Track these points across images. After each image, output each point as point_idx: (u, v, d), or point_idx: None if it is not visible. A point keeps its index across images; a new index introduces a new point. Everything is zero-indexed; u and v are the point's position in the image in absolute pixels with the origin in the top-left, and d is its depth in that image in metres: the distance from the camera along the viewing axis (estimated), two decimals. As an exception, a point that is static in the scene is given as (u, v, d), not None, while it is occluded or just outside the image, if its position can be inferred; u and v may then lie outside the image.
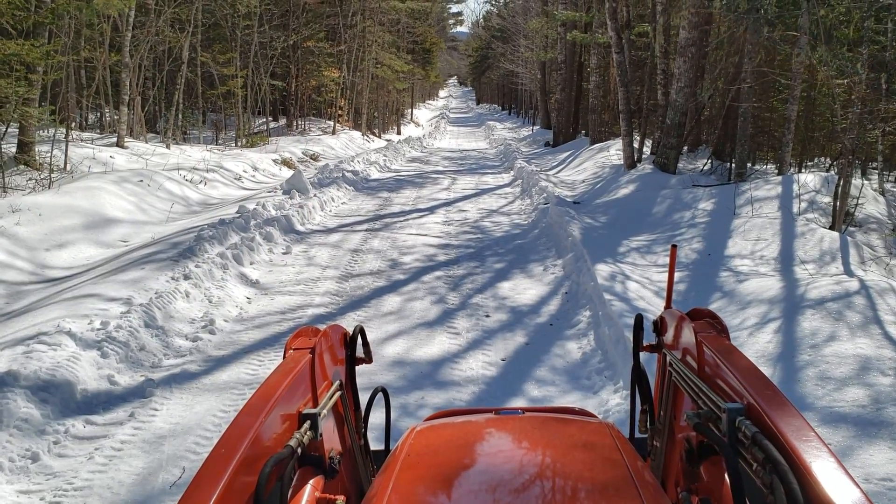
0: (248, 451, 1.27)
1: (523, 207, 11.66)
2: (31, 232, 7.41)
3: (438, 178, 15.76)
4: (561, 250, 8.20)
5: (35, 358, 4.30)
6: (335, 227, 9.88)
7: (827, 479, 1.07)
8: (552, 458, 1.55)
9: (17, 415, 3.78)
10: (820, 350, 4.53)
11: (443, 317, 6.09)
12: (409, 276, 7.35)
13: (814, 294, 5.43)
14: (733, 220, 8.37)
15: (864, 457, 3.44)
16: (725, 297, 6.04)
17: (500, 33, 42.93)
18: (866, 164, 13.32)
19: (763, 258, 7.09)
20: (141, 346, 4.96)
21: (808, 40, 9.65)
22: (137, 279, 6.00)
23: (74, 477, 3.52)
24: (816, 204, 8.97)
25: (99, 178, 9.64)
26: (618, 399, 4.30)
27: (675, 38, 13.28)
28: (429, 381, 4.81)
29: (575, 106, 23.68)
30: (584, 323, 5.78)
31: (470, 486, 1.44)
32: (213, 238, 7.38)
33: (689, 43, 11.47)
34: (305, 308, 6.23)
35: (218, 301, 6.12)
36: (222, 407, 4.30)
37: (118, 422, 4.08)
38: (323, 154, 18.73)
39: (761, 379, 1.42)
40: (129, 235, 8.25)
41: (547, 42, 26.68)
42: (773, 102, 13.72)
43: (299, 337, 1.82)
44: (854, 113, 8.72)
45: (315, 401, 1.67)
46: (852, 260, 6.82)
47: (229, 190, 12.14)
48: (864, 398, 3.95)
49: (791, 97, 10.70)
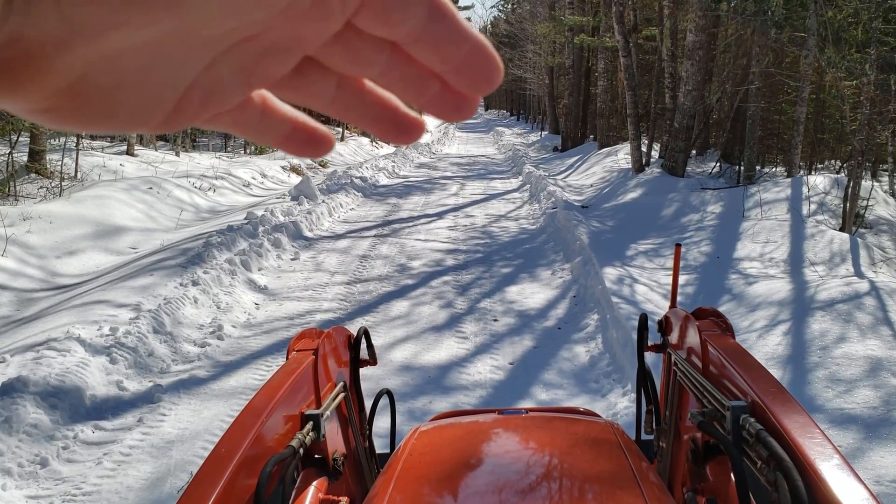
0: (249, 450, 1.27)
1: (531, 212, 11.65)
2: (42, 240, 7.46)
3: (447, 184, 15.77)
4: (569, 254, 8.18)
5: (44, 364, 4.32)
6: (343, 233, 9.90)
7: (831, 476, 1.06)
8: (555, 457, 1.54)
9: (27, 420, 3.80)
10: (830, 352, 4.50)
11: (451, 321, 6.08)
12: (418, 281, 7.35)
13: (823, 296, 5.39)
14: (742, 223, 8.33)
15: (875, 458, 3.41)
16: (734, 300, 6.01)
17: (508, 39, 42.99)
18: (876, 165, 13.25)
19: (772, 260, 7.06)
20: (149, 352, 4.98)
21: (815, 42, 9.61)
22: (146, 286, 6.03)
23: (83, 482, 3.53)
24: (826, 206, 8.93)
25: (109, 187, 9.70)
26: (626, 402, 4.28)
27: (682, 41, 13.26)
28: (436, 385, 4.80)
29: (583, 110, 23.67)
30: (592, 326, 5.76)
31: (472, 485, 1.43)
32: (222, 244, 7.41)
33: (697, 46, 11.45)
34: (314, 313, 6.24)
35: (226, 307, 6.14)
36: (230, 412, 4.30)
37: (127, 427, 4.09)
38: (331, 160, 18.79)
39: (766, 377, 1.41)
40: (138, 243, 8.30)
41: (554, 47, 26.70)
42: (781, 104, 13.67)
43: (302, 338, 1.82)
44: (863, 114, 8.68)
45: (318, 402, 1.66)
46: (862, 262, 6.77)
47: (238, 197, 12.19)
48: (874, 399, 3.92)
49: (799, 99, 10.66)
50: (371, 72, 0.28)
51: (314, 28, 0.26)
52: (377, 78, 0.29)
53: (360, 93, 0.30)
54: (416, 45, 0.27)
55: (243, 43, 0.26)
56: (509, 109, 61.28)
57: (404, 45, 0.27)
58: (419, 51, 0.27)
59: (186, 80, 0.26)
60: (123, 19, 0.22)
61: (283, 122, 0.31)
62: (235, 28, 0.25)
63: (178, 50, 0.25)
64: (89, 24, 0.22)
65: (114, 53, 0.23)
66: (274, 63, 0.27)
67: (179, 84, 0.26)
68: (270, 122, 0.30)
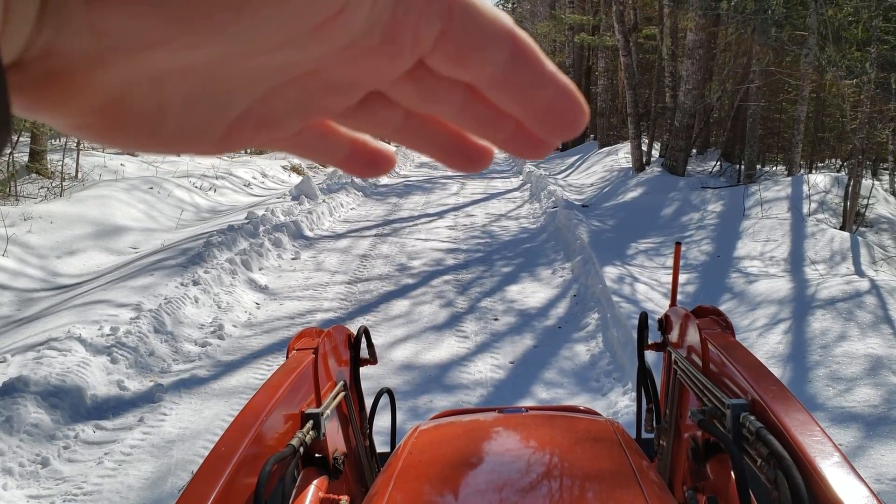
0: (249, 449, 1.27)
1: (532, 211, 11.65)
2: (43, 240, 7.46)
3: (447, 184, 15.76)
4: (569, 253, 8.18)
5: (45, 364, 4.33)
6: (344, 232, 9.90)
7: (831, 474, 1.06)
8: (556, 456, 1.54)
9: (28, 420, 3.80)
10: (830, 350, 4.50)
11: (451, 320, 6.08)
12: (418, 281, 7.35)
13: (824, 294, 5.39)
14: (743, 222, 8.33)
15: (876, 456, 3.41)
16: (735, 299, 6.01)
17: (508, 38, 42.92)
18: (877, 164, 13.25)
19: (773, 259, 7.06)
20: (150, 352, 4.98)
21: (816, 40, 9.61)
22: (147, 285, 6.03)
23: (84, 482, 3.53)
24: (827, 204, 8.93)
25: (109, 186, 9.71)
26: (626, 401, 4.28)
27: (682, 40, 13.26)
28: (437, 384, 4.80)
29: (583, 110, 23.62)
30: (593, 325, 5.76)
31: (472, 484, 1.43)
32: (222, 244, 7.41)
33: (697, 45, 11.44)
34: (314, 313, 6.24)
35: (227, 306, 6.14)
36: (231, 412, 4.30)
37: (127, 427, 4.10)
38: (332, 160, 18.76)
39: (766, 374, 1.41)
40: (138, 242, 8.30)
41: (555, 46, 26.68)
42: (782, 103, 13.67)
43: (302, 337, 1.82)
44: (864, 113, 8.68)
45: (318, 401, 1.66)
46: (863, 260, 6.77)
47: (239, 196, 12.19)
48: (875, 398, 3.92)
49: (800, 98, 10.66)
50: (443, 111, 0.27)
51: (382, 66, 0.24)
52: (448, 117, 0.27)
53: (428, 124, 0.28)
54: (494, 89, 0.25)
55: (304, 76, 0.24)
56: (510, 109, 61.26)
57: (481, 88, 0.25)
58: (498, 95, 0.25)
59: (237, 109, 0.25)
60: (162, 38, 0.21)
61: (343, 143, 0.29)
62: (291, 62, 0.23)
63: (227, 78, 0.23)
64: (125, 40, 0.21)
65: (156, 75, 0.22)
66: (336, 99, 0.26)
67: (229, 112, 0.25)
68: (330, 144, 0.29)
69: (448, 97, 0.26)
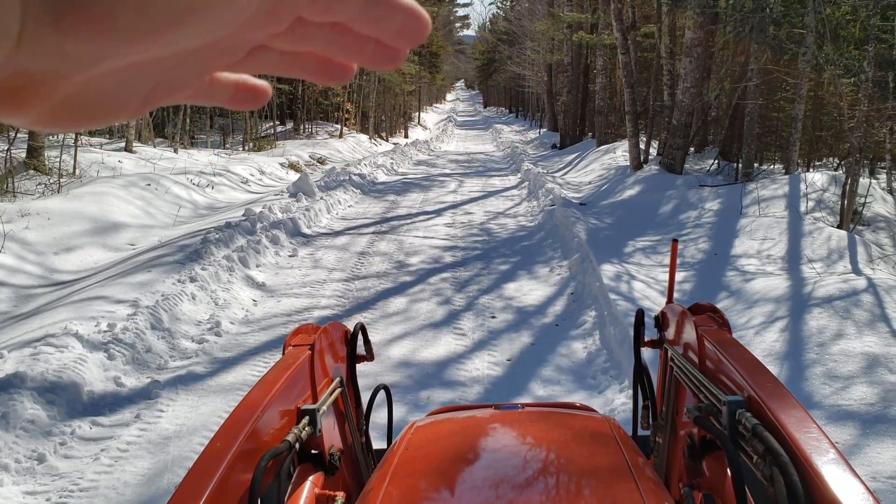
0: (244, 445, 1.26)
1: (530, 209, 11.65)
2: (40, 236, 7.45)
3: (445, 181, 15.76)
4: (567, 251, 8.18)
5: (42, 360, 4.32)
6: (342, 229, 9.89)
7: (827, 471, 1.06)
8: (552, 452, 1.54)
9: (24, 416, 3.80)
10: (827, 348, 4.51)
11: (449, 318, 6.08)
12: (416, 278, 7.35)
13: (821, 292, 5.40)
14: (740, 220, 8.34)
15: (872, 454, 3.41)
16: (732, 297, 6.02)
17: (507, 36, 42.93)
18: (874, 163, 13.25)
19: (770, 257, 7.06)
20: (147, 348, 4.98)
21: (814, 39, 9.61)
22: (144, 282, 6.02)
23: (80, 478, 3.53)
24: (824, 203, 8.93)
25: (107, 183, 9.69)
26: (623, 398, 4.29)
27: (680, 38, 13.25)
28: (435, 381, 4.80)
29: (581, 108, 23.65)
30: (590, 323, 5.77)
31: (467, 479, 1.43)
32: (220, 241, 7.40)
33: (695, 43, 11.44)
34: (311, 310, 6.24)
35: (224, 303, 6.14)
36: (227, 408, 4.30)
37: (124, 423, 4.09)
38: (330, 157, 18.77)
39: (762, 372, 1.41)
40: (136, 239, 8.29)
41: (553, 44, 26.66)
42: (779, 102, 13.67)
43: (299, 334, 1.81)
44: (861, 111, 8.68)
45: (314, 397, 1.66)
46: (860, 258, 6.78)
47: (236, 193, 12.18)
48: (871, 396, 3.93)
49: (797, 96, 10.65)
50: (312, 47, 0.32)
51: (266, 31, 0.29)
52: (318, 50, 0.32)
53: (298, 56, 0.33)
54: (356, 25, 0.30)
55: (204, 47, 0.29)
56: (508, 107, 61.25)
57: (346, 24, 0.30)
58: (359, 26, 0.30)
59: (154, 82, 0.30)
60: (115, 52, 0.26)
61: (229, 86, 0.34)
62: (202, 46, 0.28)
63: (153, 64, 0.28)
64: (85, 58, 0.25)
65: (102, 74, 0.27)
66: (228, 59, 0.31)
67: (148, 87, 0.30)
68: (218, 90, 0.33)
69: (317, 36, 0.31)
